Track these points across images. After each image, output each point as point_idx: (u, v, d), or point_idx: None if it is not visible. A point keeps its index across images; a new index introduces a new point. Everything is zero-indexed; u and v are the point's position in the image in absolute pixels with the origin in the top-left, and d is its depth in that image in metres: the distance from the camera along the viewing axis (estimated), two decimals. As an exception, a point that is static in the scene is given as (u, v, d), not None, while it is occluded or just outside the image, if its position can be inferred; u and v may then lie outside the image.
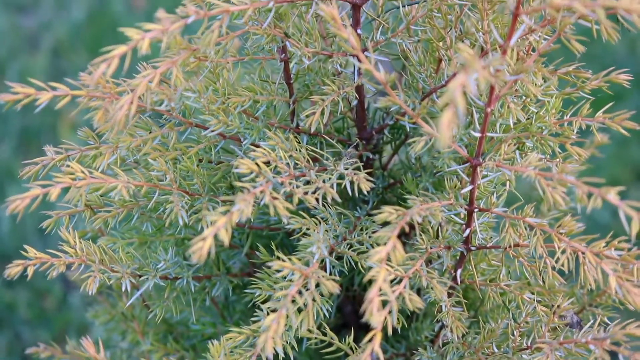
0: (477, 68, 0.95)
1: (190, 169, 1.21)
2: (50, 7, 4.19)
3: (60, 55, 3.85)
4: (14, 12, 4.19)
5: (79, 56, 3.81)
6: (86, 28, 4.01)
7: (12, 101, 1.11)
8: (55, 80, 3.75)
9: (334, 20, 1.05)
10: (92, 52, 3.84)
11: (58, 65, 3.81)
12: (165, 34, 1.06)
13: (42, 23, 4.07)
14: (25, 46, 3.95)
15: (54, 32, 3.97)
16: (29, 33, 4.04)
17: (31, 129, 3.44)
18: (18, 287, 2.83)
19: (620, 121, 1.16)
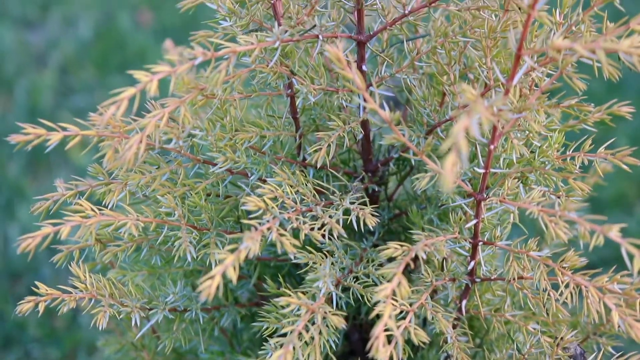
0: (480, 109, 0.96)
1: (198, 204, 1.23)
2: (58, 23, 4.22)
3: (68, 72, 3.87)
4: (22, 29, 4.22)
5: (87, 73, 3.83)
6: (93, 45, 4.03)
7: (24, 142, 1.12)
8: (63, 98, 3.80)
9: (338, 60, 1.07)
10: (100, 69, 3.88)
11: (66, 82, 3.83)
12: (173, 75, 1.08)
13: (49, 40, 4.10)
14: (33, 63, 3.98)
15: (61, 49, 4.00)
16: (37, 50, 4.07)
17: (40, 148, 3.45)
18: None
19: (621, 157, 1.17)
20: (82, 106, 3.69)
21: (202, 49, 1.10)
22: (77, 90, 3.80)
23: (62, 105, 3.71)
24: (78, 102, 3.71)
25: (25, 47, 4.07)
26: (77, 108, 3.68)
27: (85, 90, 3.79)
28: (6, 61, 3.97)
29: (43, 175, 3.35)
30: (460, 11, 1.19)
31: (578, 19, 1.15)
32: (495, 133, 1.11)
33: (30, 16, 4.33)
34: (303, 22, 1.20)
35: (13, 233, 3.00)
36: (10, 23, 4.22)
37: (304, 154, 1.31)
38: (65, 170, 3.33)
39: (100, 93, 3.74)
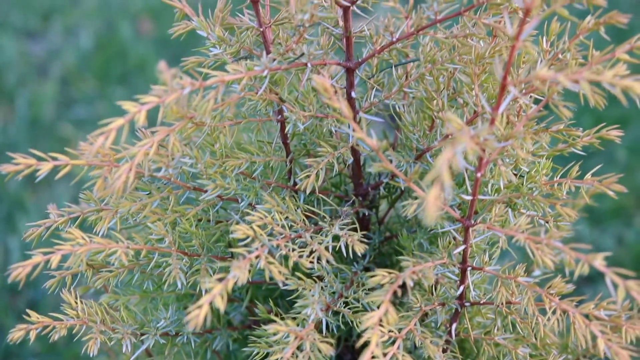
0: (465, 140, 0.97)
1: (189, 230, 1.24)
2: (59, 33, 4.24)
3: (69, 83, 3.89)
4: (23, 39, 4.23)
5: (87, 84, 3.84)
6: (94, 55, 4.05)
7: (14, 172, 1.13)
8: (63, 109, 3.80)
9: (325, 90, 1.08)
10: (100, 80, 3.89)
11: (67, 93, 3.85)
12: (162, 105, 1.09)
13: (50, 50, 4.11)
14: (34, 73, 4.00)
15: (62, 60, 4.01)
16: (38, 60, 4.08)
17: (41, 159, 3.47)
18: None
19: (608, 184, 1.18)
20: (83, 117, 3.71)
21: (191, 79, 1.10)
22: (77, 101, 3.81)
23: (63, 116, 3.72)
24: (79, 113, 3.73)
25: (26, 58, 4.09)
26: (78, 119, 3.70)
27: (86, 101, 3.80)
28: (8, 72, 3.98)
29: (43, 187, 3.36)
30: (448, 38, 1.20)
31: (564, 47, 1.16)
32: (482, 161, 1.12)
33: (32, 26, 4.35)
34: (292, 49, 1.21)
35: (13, 246, 3.02)
36: (11, 33, 4.24)
37: (295, 179, 1.32)
38: (64, 182, 3.34)
39: (101, 104, 3.76)
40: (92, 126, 3.65)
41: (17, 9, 4.51)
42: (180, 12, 1.33)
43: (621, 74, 1.08)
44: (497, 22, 1.16)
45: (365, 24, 1.22)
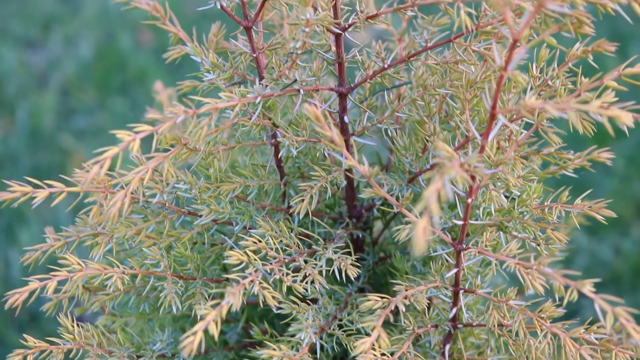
0: (455, 168, 0.98)
1: (184, 254, 1.25)
2: (59, 43, 4.25)
3: (69, 94, 3.90)
4: (23, 49, 4.25)
5: (87, 94, 3.86)
6: (94, 65, 4.06)
7: (10, 199, 1.14)
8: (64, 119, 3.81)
9: (317, 119, 1.09)
10: (100, 90, 3.90)
11: (67, 103, 3.86)
12: (156, 134, 1.11)
13: (50, 60, 4.13)
14: (35, 84, 4.01)
15: (62, 70, 4.03)
16: (38, 70, 4.09)
17: (41, 169, 3.48)
18: (29, 331, 2.87)
19: (597, 209, 1.19)
20: (83, 127, 3.72)
21: (184, 107, 1.12)
22: (77, 112, 3.83)
23: (63, 127, 3.73)
24: (79, 124, 3.74)
25: (26, 68, 4.10)
26: (78, 130, 3.71)
27: (86, 111, 3.81)
28: (8, 82, 4.00)
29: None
30: (439, 65, 1.21)
31: (553, 73, 1.17)
32: (473, 187, 1.13)
33: (32, 35, 4.36)
34: (285, 75, 1.22)
35: (14, 257, 3.03)
36: (12, 43, 4.25)
37: (289, 201, 1.34)
38: (65, 193, 3.34)
39: (100, 114, 3.77)
40: (92, 136, 3.67)
41: (17, 18, 4.52)
42: (174, 36, 1.35)
43: (609, 101, 1.09)
44: (487, 48, 1.17)
45: (357, 49, 1.23)
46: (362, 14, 1.18)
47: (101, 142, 3.59)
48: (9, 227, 3.19)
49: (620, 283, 2.87)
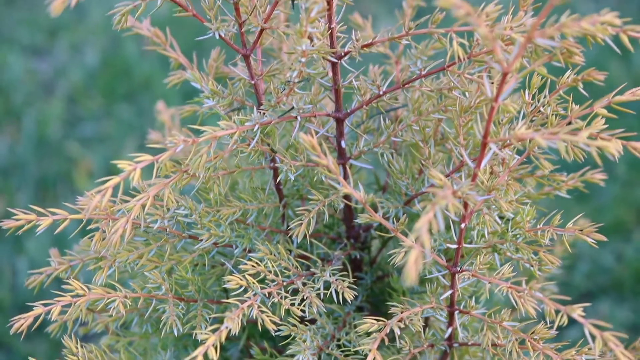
0: (447, 196, 1.01)
1: (185, 277, 1.28)
2: (65, 50, 4.28)
3: (75, 101, 3.93)
4: (30, 56, 4.28)
5: (94, 101, 3.89)
6: (100, 73, 4.09)
7: (15, 227, 1.18)
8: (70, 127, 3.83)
9: (313, 148, 1.12)
10: (107, 97, 3.93)
11: (73, 111, 3.89)
12: (155, 163, 1.13)
13: (57, 68, 4.16)
14: (41, 91, 4.04)
15: (68, 78, 4.06)
16: (45, 78, 4.13)
17: (47, 178, 3.51)
18: (36, 340, 2.91)
19: (588, 233, 1.22)
20: (89, 135, 3.75)
21: (184, 137, 1.15)
22: (84, 119, 3.86)
23: (70, 134, 3.76)
24: (85, 132, 3.77)
25: (33, 76, 4.13)
26: (84, 137, 3.74)
27: (92, 119, 3.84)
28: (15, 90, 4.03)
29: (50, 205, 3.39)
30: (433, 91, 1.24)
31: (545, 101, 1.19)
32: (466, 211, 1.16)
33: (38, 43, 4.39)
34: (283, 101, 1.25)
35: (21, 266, 3.06)
36: (19, 51, 4.28)
37: (288, 222, 1.36)
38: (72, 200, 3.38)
39: (107, 122, 3.80)
40: (98, 144, 3.70)
41: (24, 25, 4.56)
42: (175, 61, 1.38)
43: (599, 128, 1.12)
44: (480, 76, 1.19)
45: (353, 76, 1.25)
46: (358, 42, 1.20)
47: (107, 149, 3.63)
48: (16, 237, 3.22)
49: (622, 289, 2.89)
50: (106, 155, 3.61)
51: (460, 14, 0.94)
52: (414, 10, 1.43)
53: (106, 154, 3.62)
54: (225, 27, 1.20)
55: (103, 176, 3.14)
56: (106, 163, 3.57)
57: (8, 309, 2.96)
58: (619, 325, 2.73)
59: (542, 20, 0.98)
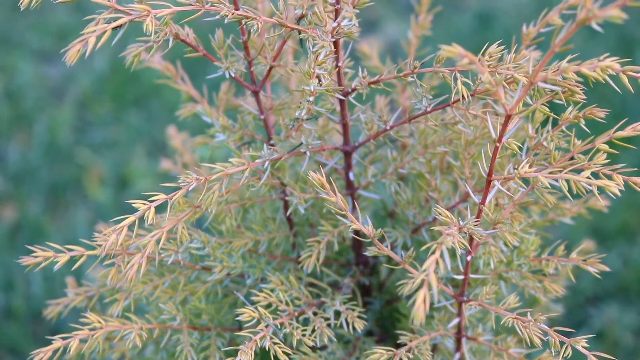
0: (453, 234, 1.04)
1: (199, 307, 1.31)
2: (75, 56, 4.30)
3: (85, 107, 3.97)
4: (40, 61, 4.32)
5: (103, 107, 3.92)
6: (109, 78, 4.12)
7: (33, 264, 1.21)
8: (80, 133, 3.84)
9: (322, 186, 1.15)
10: (116, 103, 3.96)
11: (83, 117, 3.92)
12: (169, 202, 1.17)
13: (66, 73, 4.19)
14: (51, 97, 4.08)
15: (78, 83, 4.09)
16: (55, 83, 4.16)
17: (59, 184, 3.55)
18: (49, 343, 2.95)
19: (593, 263, 1.25)
20: (99, 141, 3.78)
21: (196, 175, 1.18)
22: (93, 125, 3.89)
23: (80, 140, 3.80)
24: (95, 137, 3.80)
25: (43, 81, 4.17)
26: (94, 143, 3.77)
27: (102, 124, 3.88)
28: (25, 95, 4.06)
29: (61, 213, 3.44)
30: (439, 126, 1.27)
31: (547, 136, 1.22)
32: (472, 243, 1.19)
33: (48, 48, 4.42)
34: (292, 136, 1.28)
35: (34, 275, 3.10)
36: (28, 55, 4.32)
37: (299, 251, 1.40)
38: (83, 207, 3.42)
39: (116, 127, 3.83)
40: (107, 150, 3.73)
41: (33, 30, 4.59)
42: (186, 94, 1.41)
43: (600, 162, 1.15)
44: (484, 112, 1.22)
45: (360, 111, 1.28)
46: (364, 79, 1.23)
47: (117, 156, 3.66)
48: (29, 244, 3.26)
49: (628, 292, 2.92)
50: (116, 161, 3.65)
51: (464, 63, 0.97)
52: (420, 39, 1.46)
53: (116, 160, 3.65)
54: (235, 66, 1.23)
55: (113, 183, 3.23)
56: (116, 169, 3.61)
57: (22, 317, 3.01)
58: (625, 329, 2.76)
59: (544, 66, 1.01)
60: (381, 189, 1.42)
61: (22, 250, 3.23)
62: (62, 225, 3.36)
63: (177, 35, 1.19)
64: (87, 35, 1.07)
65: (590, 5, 0.95)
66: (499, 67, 1.15)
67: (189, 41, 1.21)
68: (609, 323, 2.77)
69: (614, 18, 0.93)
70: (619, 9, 0.93)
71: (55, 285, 3.11)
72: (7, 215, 3.44)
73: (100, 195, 3.46)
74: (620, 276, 2.96)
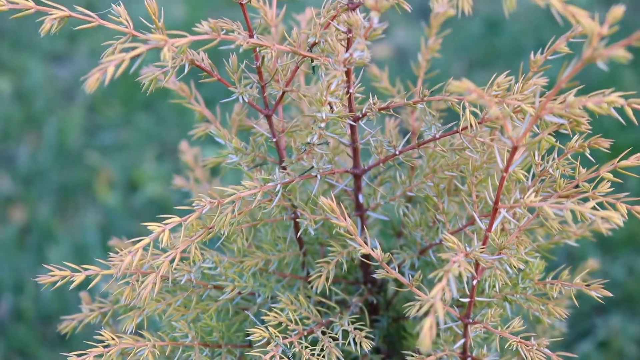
0: (460, 261, 1.07)
1: (210, 325, 1.35)
2: (85, 57, 4.35)
3: (95, 109, 4.00)
4: (51, 63, 4.35)
5: (113, 110, 3.95)
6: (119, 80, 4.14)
7: (49, 282, 1.24)
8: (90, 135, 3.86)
9: (333, 211, 1.18)
10: (125, 105, 3.99)
11: (92, 119, 3.96)
12: (183, 224, 1.20)
13: (77, 74, 4.22)
14: (61, 98, 4.11)
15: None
16: (65, 85, 4.19)
17: (68, 187, 3.58)
18: (60, 349, 2.99)
19: (596, 288, 1.28)
20: (109, 143, 3.81)
21: (210, 198, 1.21)
22: (103, 127, 3.92)
23: (89, 142, 3.83)
24: (105, 140, 3.84)
25: (53, 82, 4.20)
26: (103, 146, 3.80)
27: (112, 127, 3.91)
28: (36, 97, 4.10)
29: (71, 215, 3.47)
30: (447, 151, 1.29)
31: (553, 164, 1.25)
32: (478, 268, 1.22)
33: (58, 49, 4.46)
34: (303, 159, 1.31)
35: (44, 277, 3.12)
36: (39, 57, 4.35)
37: (308, 269, 1.43)
38: (92, 210, 3.45)
39: (126, 130, 3.86)
40: (117, 152, 3.76)
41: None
42: (199, 114, 1.44)
43: (604, 191, 1.17)
44: (491, 139, 1.25)
45: (370, 135, 1.31)
46: (375, 105, 1.26)
47: (126, 159, 3.69)
48: (38, 247, 3.30)
49: (633, 302, 2.94)
50: (126, 164, 3.68)
51: (472, 98, 1.00)
52: (429, 63, 1.48)
53: (126, 163, 3.69)
54: (248, 91, 1.26)
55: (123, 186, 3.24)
56: (126, 172, 3.64)
57: (31, 319, 3.04)
58: (629, 339, 2.78)
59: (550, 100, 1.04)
60: (390, 209, 1.45)
61: (32, 252, 3.27)
62: (72, 228, 3.39)
63: (193, 61, 1.22)
64: (105, 64, 1.10)
65: (596, 43, 0.97)
66: (507, 96, 1.18)
67: (203, 66, 1.24)
68: (613, 333, 2.80)
69: (620, 58, 0.95)
70: (624, 48, 0.96)
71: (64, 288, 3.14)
72: (16, 217, 3.48)
73: (110, 199, 3.50)
74: (625, 286, 2.98)
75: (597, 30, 0.97)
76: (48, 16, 1.22)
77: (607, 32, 0.97)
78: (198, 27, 1.16)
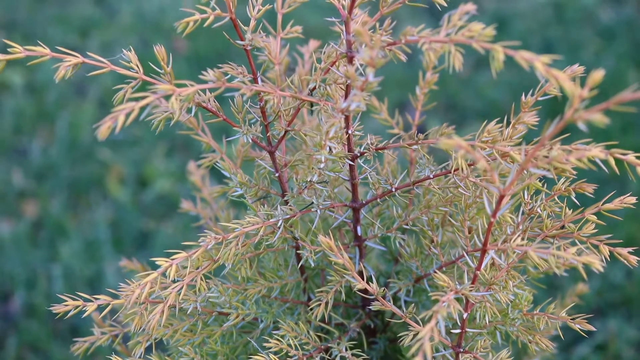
0: (449, 300, 1.14)
1: (215, 349, 1.42)
2: (96, 50, 4.41)
3: (106, 104, 4.07)
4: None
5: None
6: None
7: (63, 312, 1.32)
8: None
9: (331, 249, 1.25)
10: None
11: (104, 113, 4.02)
12: (189, 259, 1.27)
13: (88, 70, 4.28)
14: (73, 94, 4.17)
15: (99, 81, 4.19)
16: (76, 78, 4.25)
17: (80, 183, 3.65)
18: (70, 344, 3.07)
19: (580, 322, 1.34)
20: (120, 139, 3.88)
21: (215, 234, 1.28)
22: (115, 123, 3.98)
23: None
24: (116, 135, 3.90)
25: (65, 76, 4.26)
26: (114, 140, 3.87)
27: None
28: (48, 91, 4.16)
29: (82, 211, 3.55)
30: (441, 189, 1.36)
31: (540, 204, 1.31)
32: (467, 304, 1.29)
33: (70, 42, 4.52)
34: (304, 193, 1.38)
35: (56, 273, 3.21)
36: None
37: (309, 294, 1.50)
38: (103, 205, 3.52)
39: (136, 126, 3.93)
40: (128, 148, 3.84)
41: (55, 23, 4.68)
42: (206, 145, 1.51)
43: (589, 232, 1.24)
44: (482, 180, 1.31)
45: (368, 172, 1.38)
46: (372, 145, 1.33)
47: (137, 154, 3.77)
48: (50, 242, 3.37)
49: (631, 306, 3.01)
50: (136, 160, 3.75)
51: (461, 154, 1.06)
52: (426, 96, 1.55)
53: (136, 159, 3.76)
54: (252, 131, 1.32)
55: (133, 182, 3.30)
56: (136, 168, 3.71)
57: (43, 314, 3.12)
58: (626, 343, 2.85)
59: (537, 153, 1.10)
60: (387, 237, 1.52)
61: (44, 247, 3.35)
62: (83, 223, 3.47)
63: (199, 104, 1.29)
64: (116, 113, 1.16)
65: (577, 105, 1.03)
66: (498, 143, 1.24)
67: (210, 107, 1.31)
68: (611, 336, 2.86)
69: (597, 122, 1.01)
70: (602, 112, 1.02)
71: (75, 283, 3.23)
72: (29, 211, 3.56)
73: (120, 194, 3.57)
74: (623, 289, 3.04)
75: (579, 93, 1.03)
76: (62, 63, 1.26)
77: (588, 95, 1.03)
78: (204, 74, 1.22)
